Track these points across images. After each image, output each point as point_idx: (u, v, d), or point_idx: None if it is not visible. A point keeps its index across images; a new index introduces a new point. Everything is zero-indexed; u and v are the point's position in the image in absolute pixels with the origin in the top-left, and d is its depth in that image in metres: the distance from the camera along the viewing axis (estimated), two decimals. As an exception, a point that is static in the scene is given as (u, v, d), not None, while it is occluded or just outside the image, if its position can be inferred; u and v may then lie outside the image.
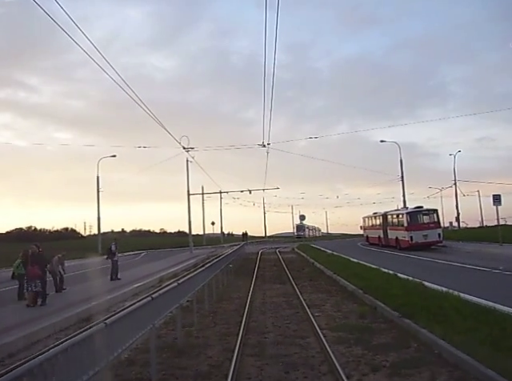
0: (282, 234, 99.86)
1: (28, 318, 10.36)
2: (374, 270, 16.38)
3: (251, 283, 15.89)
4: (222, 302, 12.27)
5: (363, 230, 41.67)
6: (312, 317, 9.35)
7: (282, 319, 9.55)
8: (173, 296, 8.29)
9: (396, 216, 31.77)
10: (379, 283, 12.36)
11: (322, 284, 15.18)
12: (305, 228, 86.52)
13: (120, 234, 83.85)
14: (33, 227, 73.32)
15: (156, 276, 19.71)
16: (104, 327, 4.62)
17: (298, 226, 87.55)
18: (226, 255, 21.71)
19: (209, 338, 8.13)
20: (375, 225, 37.34)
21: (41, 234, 70.97)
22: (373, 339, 7.44)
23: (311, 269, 21.09)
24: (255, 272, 20.12)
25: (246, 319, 9.44)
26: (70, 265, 34.23)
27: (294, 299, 12.16)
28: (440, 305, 8.52)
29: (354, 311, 9.90)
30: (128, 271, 23.57)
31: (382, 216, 34.96)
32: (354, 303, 10.97)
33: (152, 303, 6.62)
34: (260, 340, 7.86)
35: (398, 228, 30.62)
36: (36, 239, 61.29)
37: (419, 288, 11.16)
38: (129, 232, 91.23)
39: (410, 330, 7.64)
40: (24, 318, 10.37)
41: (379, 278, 13.75)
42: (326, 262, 21.21)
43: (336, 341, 7.45)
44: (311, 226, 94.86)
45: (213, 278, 13.87)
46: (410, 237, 28.63)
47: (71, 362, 3.79)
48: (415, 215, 29.82)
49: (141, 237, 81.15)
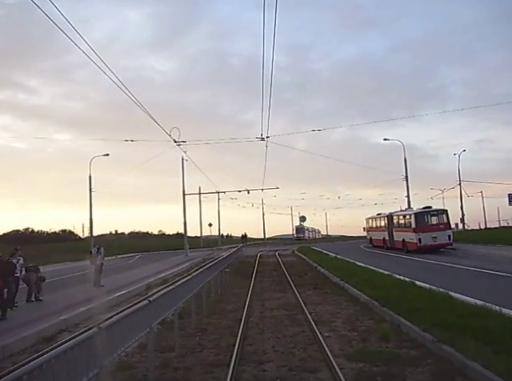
0: (282, 236, 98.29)
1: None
2: (385, 276, 14.60)
3: (248, 291, 14.09)
4: (214, 316, 10.45)
5: (366, 231, 39.90)
6: (322, 338, 7.56)
7: (285, 342, 7.73)
8: (155, 309, 6.71)
9: (403, 217, 29.95)
10: (397, 293, 10.57)
11: (329, 293, 13.37)
12: (304, 230, 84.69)
13: (118, 235, 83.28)
14: (30, 229, 73.10)
15: (144, 282, 17.91)
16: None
17: (297, 227, 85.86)
18: (222, 259, 19.97)
19: (191, 371, 6.31)
20: (380, 226, 35.54)
21: (38, 235, 70.78)
22: (406, 375, 5.64)
23: (314, 274, 19.27)
24: (253, 278, 18.31)
25: (240, 341, 7.65)
26: (59, 269, 32.60)
27: (298, 313, 10.35)
28: (484, 325, 6.72)
29: (373, 331, 8.09)
30: (116, 276, 21.86)
31: (387, 217, 33.17)
32: (370, 319, 9.17)
33: (127, 320, 5.33)
34: (257, 374, 6.05)
35: (405, 230, 28.83)
36: (33, 241, 63.12)
37: (446, 300, 9.40)
38: (127, 234, 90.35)
39: (453, 362, 5.83)
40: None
41: (395, 286, 11.95)
42: (330, 267, 19.42)
43: (357, 378, 5.66)
44: (311, 228, 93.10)
45: (205, 285, 12.15)
46: (419, 239, 26.82)
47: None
48: (423, 216, 28.00)
49: (139, 239, 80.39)
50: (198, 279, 11.16)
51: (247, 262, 27.80)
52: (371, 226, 38.02)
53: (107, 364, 4.66)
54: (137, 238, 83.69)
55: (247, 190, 41.65)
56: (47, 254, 41.57)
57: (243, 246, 48.95)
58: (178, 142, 18.19)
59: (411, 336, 7.38)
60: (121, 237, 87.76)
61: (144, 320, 6.21)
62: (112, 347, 4.88)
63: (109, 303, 12.55)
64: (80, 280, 19.59)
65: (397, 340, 7.32)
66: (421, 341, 6.99)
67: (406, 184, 42.18)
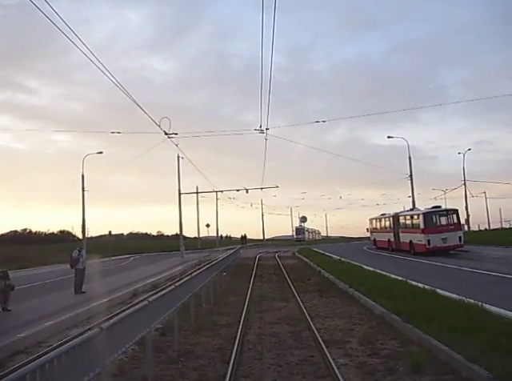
0: (281, 237, 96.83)
1: None
2: (400, 283, 12.95)
3: (245, 300, 12.43)
4: (203, 333, 8.76)
5: (370, 232, 38.25)
6: (336, 368, 5.90)
7: (289, 373, 6.04)
8: (135, 324, 5.44)
9: (410, 217, 28.30)
10: (420, 305, 8.94)
11: (337, 303, 11.70)
12: (304, 231, 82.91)
13: (117, 236, 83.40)
14: (28, 230, 73.40)
15: (131, 288, 16.24)
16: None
17: (297, 228, 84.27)
18: (218, 261, 18.35)
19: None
20: (384, 227, 33.91)
21: (36, 236, 70.96)
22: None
23: (318, 279, 17.60)
24: (251, 283, 16.66)
25: (232, 371, 5.99)
26: (47, 271, 30.94)
27: (303, 329, 8.68)
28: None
29: (400, 356, 6.42)
30: (103, 280, 20.20)
31: (393, 217, 31.54)
32: (392, 339, 7.50)
33: (99, 338, 4.31)
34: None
35: (413, 230, 27.19)
36: (31, 242, 61.38)
37: (484, 314, 7.77)
38: (126, 235, 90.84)
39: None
40: None
41: (414, 295, 10.31)
42: (335, 271, 17.78)
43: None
44: (311, 229, 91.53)
45: (198, 291, 10.57)
46: (427, 240, 25.19)
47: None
48: (432, 216, 26.33)
49: (138, 240, 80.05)
50: (188, 286, 9.59)
51: (245, 265, 26.13)
52: (375, 227, 36.38)
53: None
54: (135, 239, 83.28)
55: (246, 190, 40.00)
56: (44, 255, 40.18)
57: (242, 248, 47.39)
58: (169, 134, 16.55)
59: (453, 367, 5.72)
60: (120, 238, 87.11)
61: (118, 339, 4.78)
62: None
63: (82, 316, 10.87)
64: (62, 285, 18.02)
65: (435, 372, 5.66)
66: (469, 376, 5.33)
67: (411, 183, 40.62)
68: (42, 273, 28.67)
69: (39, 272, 29.91)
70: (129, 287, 16.49)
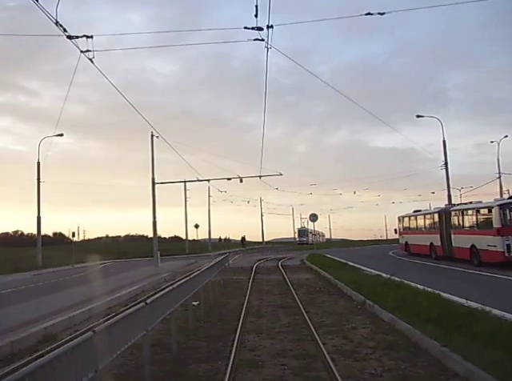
0: (282, 239, 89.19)
1: None
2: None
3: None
4: None
5: (399, 234, 30.09)
6: None
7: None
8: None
9: (473, 212, 20.03)
10: None
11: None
12: (308, 233, 74.68)
13: (114, 239, 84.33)
14: (19, 232, 72.89)
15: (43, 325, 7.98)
16: None
17: (300, 230, 76.41)
18: (193, 277, 10.21)
19: None
20: (424, 227, 25.82)
21: (28, 238, 69.51)
22: None
23: (366, 319, 9.23)
24: (238, 329, 8.31)
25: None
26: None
27: None
28: None
29: None
30: (32, 301, 12.53)
31: (440, 214, 23.38)
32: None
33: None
34: None
35: (478, 231, 19.00)
36: (22, 244, 56.63)
37: None
38: (123, 237, 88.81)
39: None
40: None
41: None
42: (387, 299, 9.56)
43: None
44: (315, 231, 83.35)
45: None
46: (507, 246, 17.03)
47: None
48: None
49: (134, 242, 77.09)
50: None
51: (235, 282, 17.64)
52: (408, 227, 28.21)
53: None
54: (131, 241, 79.71)
55: (240, 178, 31.58)
56: (34, 258, 34.63)
57: (237, 253, 39.37)
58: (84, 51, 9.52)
59: None
60: (116, 240, 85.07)
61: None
62: None
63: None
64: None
65: None
66: None
67: (446, 172, 32.57)
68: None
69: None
70: (36, 326, 8.24)
